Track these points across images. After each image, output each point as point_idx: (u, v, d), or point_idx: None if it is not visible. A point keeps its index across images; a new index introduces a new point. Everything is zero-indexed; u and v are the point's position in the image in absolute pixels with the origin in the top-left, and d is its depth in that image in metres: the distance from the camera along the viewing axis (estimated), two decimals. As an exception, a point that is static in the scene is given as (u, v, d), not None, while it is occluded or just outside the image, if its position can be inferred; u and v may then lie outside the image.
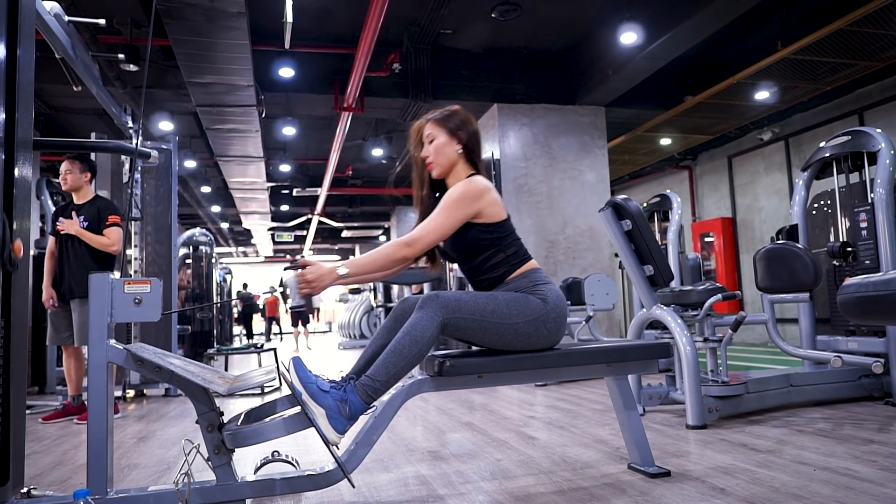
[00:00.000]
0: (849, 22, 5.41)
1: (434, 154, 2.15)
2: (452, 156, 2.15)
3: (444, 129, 2.16)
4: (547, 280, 2.10)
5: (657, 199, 5.18)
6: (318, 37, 6.73)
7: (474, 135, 2.19)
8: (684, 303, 3.41)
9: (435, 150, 2.15)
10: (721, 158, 9.79)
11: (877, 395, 3.54)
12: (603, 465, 2.39)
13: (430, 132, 2.17)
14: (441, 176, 2.19)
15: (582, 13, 6.47)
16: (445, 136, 2.15)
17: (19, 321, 1.88)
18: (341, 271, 1.92)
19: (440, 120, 2.17)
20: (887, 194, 3.46)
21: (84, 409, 3.98)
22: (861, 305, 1.30)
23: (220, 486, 1.83)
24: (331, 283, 1.92)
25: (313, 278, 1.88)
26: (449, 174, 2.19)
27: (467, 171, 2.17)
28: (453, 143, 2.15)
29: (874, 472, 2.12)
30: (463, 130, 2.16)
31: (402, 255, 1.98)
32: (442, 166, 2.16)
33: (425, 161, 2.18)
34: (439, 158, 2.15)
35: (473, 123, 2.21)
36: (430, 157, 2.16)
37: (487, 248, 2.08)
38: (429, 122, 2.19)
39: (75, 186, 4.07)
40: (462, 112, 2.21)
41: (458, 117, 2.18)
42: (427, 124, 2.19)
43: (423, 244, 2.00)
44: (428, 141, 2.17)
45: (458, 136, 2.15)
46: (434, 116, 2.19)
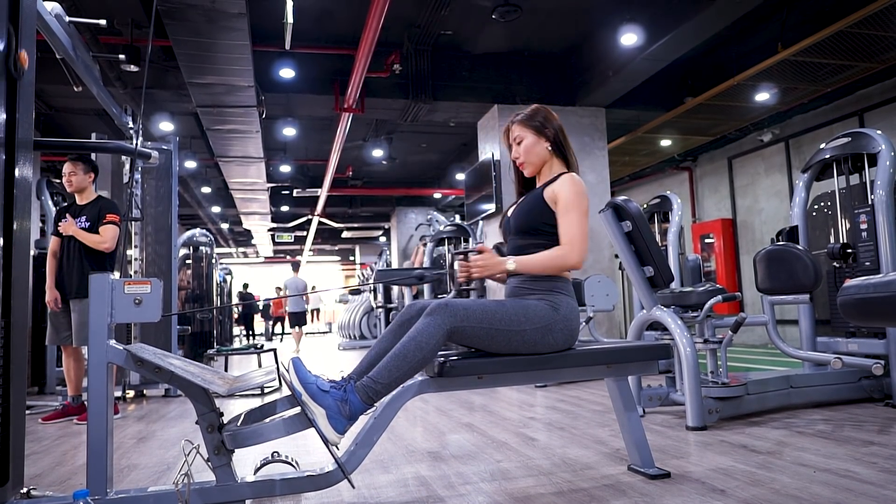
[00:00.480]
0: (849, 24, 5.41)
1: (525, 154, 2.23)
2: (543, 154, 2.23)
3: (531, 128, 2.22)
4: (567, 291, 2.13)
5: (657, 200, 5.18)
6: (319, 37, 6.74)
7: (560, 129, 2.25)
8: (684, 304, 3.41)
9: (525, 150, 2.22)
10: (721, 160, 9.79)
11: (877, 396, 3.54)
12: (603, 467, 2.39)
13: (517, 134, 2.25)
14: (534, 174, 2.26)
15: (582, 14, 6.48)
16: (533, 136, 2.22)
17: (19, 321, 1.88)
18: (510, 266, 2.05)
19: (525, 120, 2.24)
20: (887, 196, 3.46)
21: (84, 410, 3.98)
22: (861, 307, 1.30)
23: (220, 486, 1.83)
24: (499, 273, 2.07)
25: (484, 264, 2.01)
26: (541, 171, 2.26)
27: (560, 165, 2.24)
28: (541, 141, 2.22)
29: (874, 474, 2.12)
30: (549, 127, 2.22)
31: (572, 261, 2.06)
32: (534, 164, 2.24)
33: (517, 162, 2.26)
34: (530, 157, 2.23)
35: (556, 119, 2.27)
36: (520, 158, 2.24)
37: (541, 237, 2.13)
38: (514, 125, 2.26)
39: (80, 187, 4.07)
40: (543, 109, 2.27)
41: (542, 115, 2.24)
42: (514, 126, 2.26)
43: (579, 247, 2.07)
44: (517, 143, 2.24)
45: (545, 133, 2.22)
46: (519, 118, 2.26)
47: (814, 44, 5.79)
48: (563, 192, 2.11)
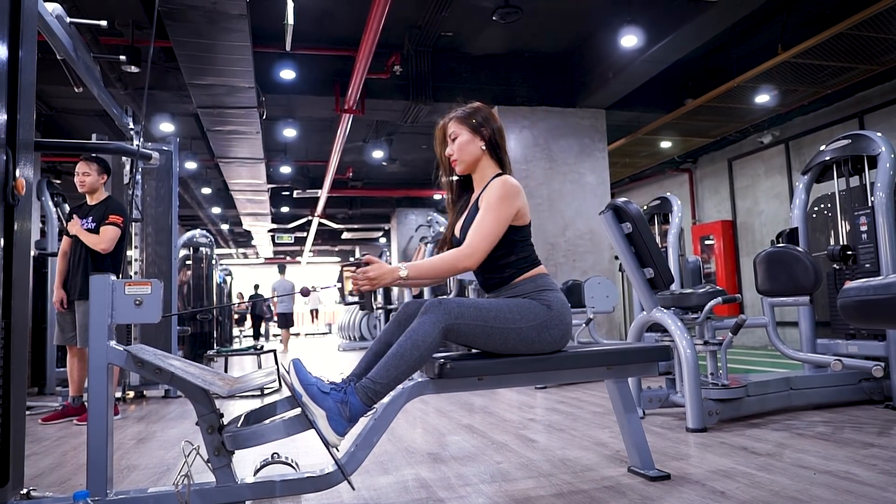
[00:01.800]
0: (849, 26, 5.42)
1: (458, 151, 2.18)
2: (476, 152, 2.18)
3: (467, 126, 2.18)
4: (553, 287, 2.11)
5: (657, 201, 5.19)
6: (320, 39, 6.74)
7: (498, 131, 2.21)
8: (684, 306, 3.41)
9: (458, 147, 2.18)
10: (721, 161, 9.79)
11: (877, 398, 3.54)
12: (603, 468, 2.39)
13: (452, 130, 2.20)
14: (465, 172, 2.22)
15: (583, 16, 6.48)
16: (468, 133, 2.17)
17: (20, 322, 1.88)
18: (402, 273, 1.95)
19: (462, 117, 2.20)
20: (887, 198, 3.46)
21: (84, 411, 3.98)
22: (861, 309, 1.30)
23: (220, 487, 1.83)
24: (390, 282, 1.96)
25: (375, 276, 1.92)
26: (474, 171, 2.22)
27: (493, 168, 2.20)
28: (476, 139, 2.17)
29: (874, 476, 2.12)
30: (486, 127, 2.18)
31: (464, 266, 2.01)
32: (466, 162, 2.19)
33: (450, 159, 2.21)
34: (463, 155, 2.18)
35: (496, 119, 2.23)
36: (454, 155, 2.19)
37: (501, 248, 2.09)
38: (451, 121, 2.21)
39: (93, 188, 4.06)
40: (484, 108, 2.23)
41: (481, 114, 2.20)
42: (450, 122, 2.22)
43: (481, 253, 2.02)
44: (451, 139, 2.20)
45: (480, 132, 2.17)
46: (456, 115, 2.21)
47: (814, 46, 5.80)
48: (487, 193, 2.08)
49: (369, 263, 1.94)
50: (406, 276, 1.95)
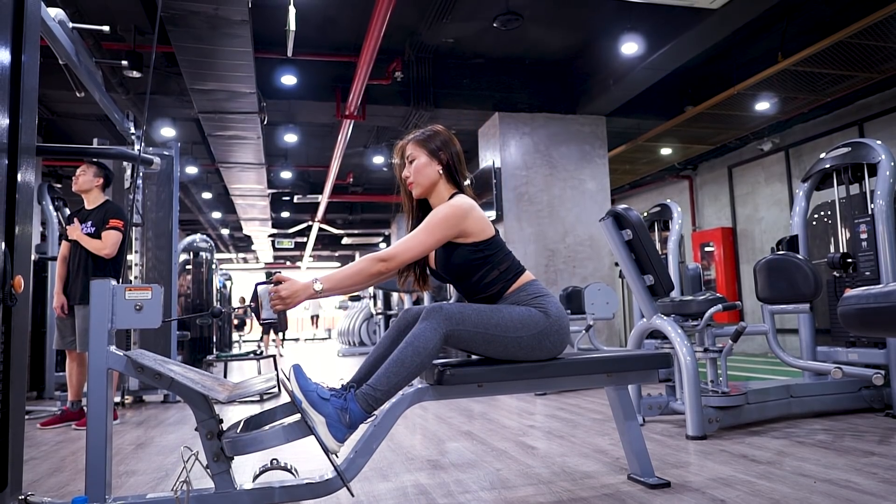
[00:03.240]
0: (849, 34, 5.44)
1: (414, 174, 2.15)
2: (433, 176, 2.15)
3: (425, 149, 2.16)
4: (545, 292, 2.10)
5: (657, 208, 5.19)
6: (321, 45, 6.77)
7: (456, 155, 2.18)
8: (684, 313, 3.41)
9: (415, 170, 2.15)
10: (721, 168, 9.81)
11: (877, 406, 3.53)
12: (603, 476, 2.38)
13: (410, 152, 2.18)
14: (422, 196, 2.19)
15: (583, 23, 6.51)
16: (426, 157, 2.15)
17: (20, 326, 1.88)
18: (317, 287, 1.89)
19: (421, 141, 2.18)
20: (887, 206, 3.46)
21: (83, 415, 3.98)
22: (861, 317, 1.30)
23: (219, 493, 1.83)
24: (305, 298, 1.90)
25: (287, 294, 1.86)
26: (431, 194, 2.19)
27: (449, 190, 2.16)
28: (433, 163, 2.15)
29: (875, 485, 2.11)
30: (444, 151, 2.16)
31: (377, 269, 1.96)
32: (422, 186, 2.16)
33: (407, 181, 2.19)
34: (419, 178, 2.15)
35: (455, 143, 2.21)
36: (410, 178, 2.17)
37: (481, 267, 2.07)
38: (409, 143, 2.20)
39: (84, 188, 4.09)
40: (444, 132, 2.21)
41: (440, 138, 2.18)
42: (408, 145, 2.20)
43: (399, 261, 1.99)
44: (409, 161, 2.18)
45: (438, 156, 2.15)
46: (415, 137, 2.20)
47: (814, 54, 5.81)
48: (433, 212, 2.06)
49: (280, 282, 1.89)
50: (321, 290, 1.90)
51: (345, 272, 1.97)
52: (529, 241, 7.18)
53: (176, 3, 4.69)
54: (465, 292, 2.18)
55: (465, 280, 2.13)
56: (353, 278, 1.96)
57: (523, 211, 7.23)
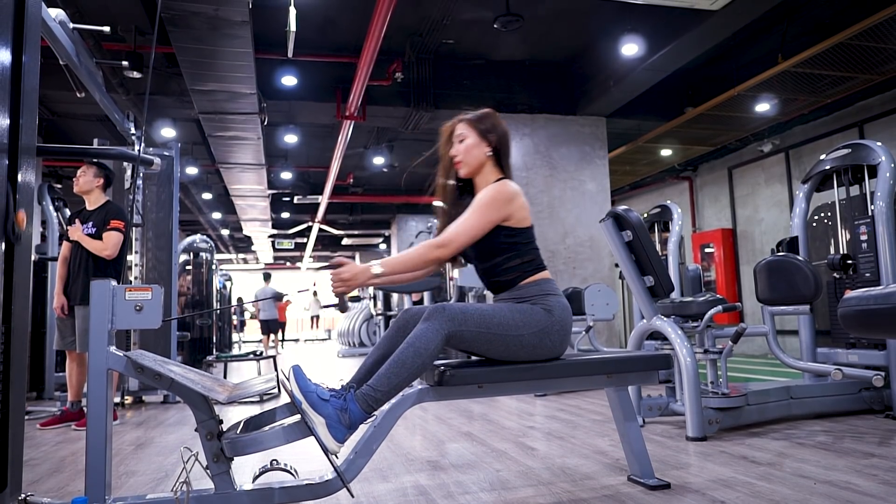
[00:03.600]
0: (849, 36, 5.44)
1: (463, 153, 2.19)
2: (481, 157, 2.19)
3: (476, 130, 2.20)
4: (556, 291, 2.11)
5: (658, 209, 5.19)
6: (321, 46, 6.77)
7: (504, 138, 2.23)
8: (684, 314, 3.41)
9: (465, 149, 2.19)
10: (721, 170, 9.81)
11: (877, 408, 3.53)
12: (602, 477, 2.38)
13: (461, 132, 2.21)
14: (468, 175, 2.22)
15: (583, 25, 6.51)
16: (476, 137, 2.19)
17: (20, 326, 1.88)
18: (375, 270, 1.94)
19: (472, 121, 2.21)
20: (887, 207, 3.47)
21: (82, 416, 3.98)
22: (862, 319, 1.30)
23: (219, 494, 1.83)
24: (364, 282, 1.96)
25: (349, 276, 1.91)
26: (476, 174, 2.22)
27: (495, 173, 2.21)
28: (483, 144, 2.19)
29: (875, 486, 2.11)
30: (493, 133, 2.20)
31: (436, 255, 2.00)
32: (470, 166, 2.19)
33: (453, 159, 2.22)
34: (468, 158, 2.19)
35: (504, 127, 2.25)
36: (458, 156, 2.20)
37: (506, 251, 2.10)
38: (461, 122, 2.23)
39: (85, 189, 4.10)
40: (494, 115, 2.25)
41: (490, 120, 2.22)
42: (459, 124, 2.23)
43: (456, 245, 2.02)
44: (458, 140, 2.21)
45: (488, 138, 2.19)
46: (466, 117, 2.23)
47: (814, 55, 5.82)
48: (479, 194, 2.09)
49: (341, 265, 1.93)
50: (380, 273, 1.94)
51: (403, 257, 2.00)
52: (529, 242, 7.18)
53: (176, 3, 4.69)
54: (483, 273, 2.20)
55: (487, 259, 2.15)
56: (411, 264, 2.00)
57: (523, 212, 7.22)
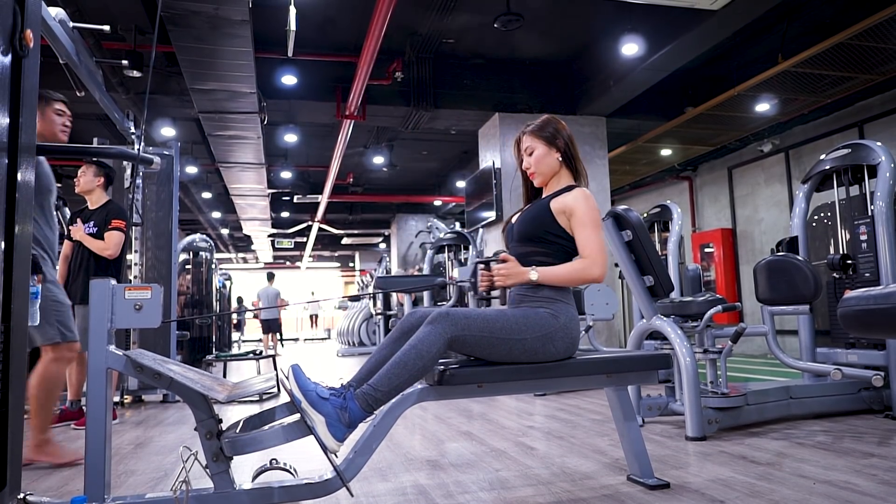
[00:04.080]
0: (849, 35, 5.44)
1: (535, 164, 2.24)
2: (553, 164, 2.24)
3: (541, 139, 2.24)
4: (569, 300, 2.13)
5: (657, 209, 5.19)
6: (321, 45, 6.77)
7: (570, 140, 2.27)
8: (684, 314, 3.41)
9: (536, 160, 2.24)
10: (721, 169, 9.81)
11: (876, 408, 3.53)
12: (602, 477, 2.38)
13: (528, 144, 2.26)
14: (543, 184, 2.27)
15: (584, 24, 6.51)
16: (544, 147, 2.23)
17: (19, 325, 1.87)
18: (532, 276, 2.04)
19: (536, 131, 2.25)
20: (887, 207, 3.47)
21: (82, 415, 3.97)
22: (861, 319, 1.30)
23: (218, 493, 1.83)
24: (518, 282, 2.06)
25: (507, 273, 2.02)
26: (550, 181, 2.27)
27: (568, 176, 2.26)
28: (552, 151, 2.23)
29: (874, 486, 2.11)
30: (559, 138, 2.24)
31: (594, 275, 2.08)
32: (544, 175, 2.25)
33: (528, 172, 2.27)
34: (541, 168, 2.24)
35: (567, 129, 2.29)
36: (531, 168, 2.25)
37: (545, 246, 2.14)
38: (526, 135, 2.27)
39: (86, 189, 4.10)
40: (554, 120, 2.29)
41: (553, 125, 2.26)
42: (524, 137, 2.28)
43: (602, 263, 2.09)
44: (527, 153, 2.25)
45: (555, 144, 2.23)
46: (530, 128, 2.27)
47: (814, 55, 5.82)
48: (577, 206, 2.12)
49: (505, 261, 2.03)
50: (536, 279, 2.04)
51: (563, 272, 2.08)
52: (529, 242, 7.18)
53: (176, 2, 4.69)
54: (513, 253, 2.22)
55: (524, 244, 2.19)
56: (568, 279, 2.08)
57: (523, 211, 7.23)
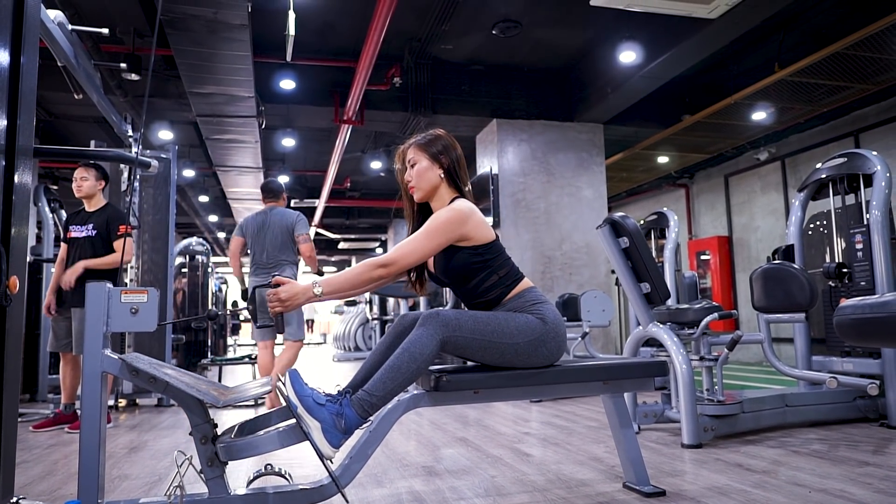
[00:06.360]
0: (845, 45, 5.47)
1: (416, 178, 2.17)
2: (434, 180, 2.16)
3: (426, 153, 2.17)
4: (543, 299, 2.11)
5: (654, 216, 5.20)
6: (320, 50, 6.78)
7: (457, 160, 2.20)
8: (681, 321, 3.41)
9: (417, 174, 2.16)
10: (718, 177, 9.84)
11: (871, 416, 3.54)
12: (598, 484, 2.38)
13: (412, 157, 2.19)
14: (423, 199, 2.20)
15: (581, 32, 6.53)
16: (427, 161, 2.16)
17: (14, 328, 1.87)
18: (316, 290, 1.91)
19: (422, 145, 2.19)
20: (883, 216, 3.48)
21: (76, 418, 3.96)
22: (857, 327, 1.31)
23: (213, 498, 1.82)
24: (305, 302, 1.92)
25: (287, 297, 1.89)
26: (432, 198, 2.20)
27: (451, 194, 2.18)
28: (435, 167, 2.16)
29: (869, 495, 2.11)
30: (445, 155, 2.17)
31: (377, 274, 1.98)
32: (423, 190, 2.17)
33: (408, 185, 2.20)
34: (421, 183, 2.16)
35: (457, 148, 2.22)
36: (412, 182, 2.18)
37: (480, 272, 2.08)
38: (411, 147, 2.21)
39: (89, 194, 4.09)
40: (445, 136, 2.22)
41: (441, 142, 2.19)
42: (409, 149, 2.21)
43: (399, 266, 2.00)
44: (410, 165, 2.19)
45: (439, 160, 2.16)
46: (417, 141, 2.21)
47: (810, 65, 5.85)
48: (432, 217, 2.06)
49: (279, 284, 1.91)
50: (321, 293, 1.92)
51: (344, 276, 1.97)
52: (526, 248, 7.19)
53: (175, 6, 4.70)
54: (463, 297, 2.18)
55: (463, 284, 2.12)
56: (353, 282, 1.97)
57: (520, 217, 7.24)
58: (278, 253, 4.37)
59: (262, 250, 4.39)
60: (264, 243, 4.39)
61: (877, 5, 5.20)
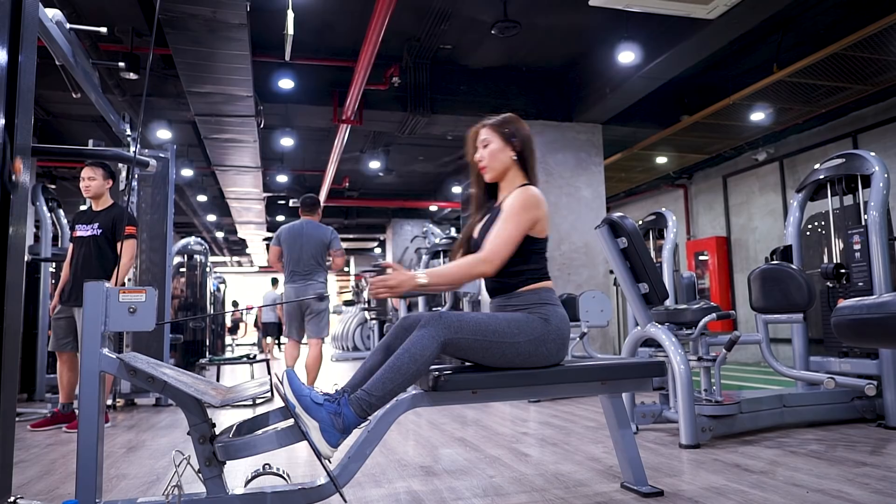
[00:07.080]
0: (844, 46, 5.48)
1: (488, 158, 2.21)
2: (506, 161, 2.21)
3: (499, 134, 2.21)
4: (555, 301, 2.12)
5: (653, 217, 5.21)
6: (319, 49, 6.77)
7: (528, 142, 2.24)
8: (679, 321, 3.42)
9: (489, 154, 2.21)
10: (716, 178, 9.85)
11: (869, 417, 3.54)
12: (596, 484, 2.38)
13: (484, 137, 2.23)
14: (493, 180, 2.24)
15: (580, 32, 6.54)
16: (500, 142, 2.20)
17: (12, 327, 1.86)
18: (421, 280, 1.96)
19: (496, 125, 2.23)
20: (880, 217, 3.49)
21: (73, 418, 3.95)
22: (855, 328, 1.31)
23: (211, 498, 1.82)
24: (409, 290, 1.97)
25: (395, 283, 1.93)
26: (502, 179, 2.24)
27: (521, 178, 2.23)
28: (507, 149, 2.20)
29: (867, 495, 2.12)
30: (517, 137, 2.21)
31: (482, 271, 2.03)
32: (495, 170, 2.22)
33: (479, 165, 2.23)
34: (493, 163, 2.21)
35: (528, 130, 2.26)
36: (483, 161, 2.22)
37: (518, 255, 2.10)
38: (484, 128, 2.25)
39: (98, 194, 4.08)
40: (517, 119, 2.26)
41: (514, 124, 2.23)
42: (483, 129, 2.25)
43: (500, 260, 2.04)
44: (482, 146, 2.23)
45: (512, 142, 2.21)
46: (490, 122, 2.25)
47: (809, 65, 5.86)
48: (508, 201, 2.11)
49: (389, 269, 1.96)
50: (426, 283, 1.96)
51: (449, 271, 2.02)
52: (525, 248, 7.19)
53: (174, 5, 4.69)
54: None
55: None
56: (457, 278, 2.04)
57: (519, 218, 7.23)
58: (311, 260, 4.74)
59: (298, 259, 4.74)
60: (300, 252, 4.73)
61: (875, 6, 5.22)
